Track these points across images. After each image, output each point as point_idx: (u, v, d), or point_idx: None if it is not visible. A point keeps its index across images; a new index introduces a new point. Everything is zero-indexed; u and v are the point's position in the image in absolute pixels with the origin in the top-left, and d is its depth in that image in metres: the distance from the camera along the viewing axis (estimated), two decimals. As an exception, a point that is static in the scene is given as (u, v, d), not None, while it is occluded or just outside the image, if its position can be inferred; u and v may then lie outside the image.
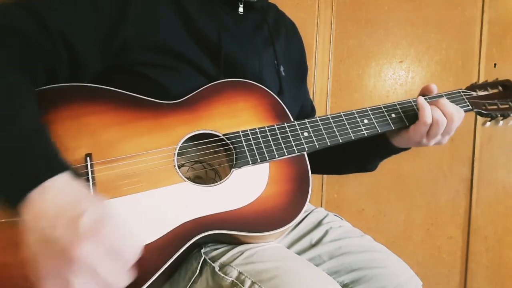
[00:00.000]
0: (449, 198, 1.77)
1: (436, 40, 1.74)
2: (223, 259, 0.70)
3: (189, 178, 0.79)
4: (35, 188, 0.49)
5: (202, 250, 0.74)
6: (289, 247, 0.90)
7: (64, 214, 0.48)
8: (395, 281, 0.83)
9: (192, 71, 0.79)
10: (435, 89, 0.89)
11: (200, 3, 0.83)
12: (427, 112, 0.82)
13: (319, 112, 1.66)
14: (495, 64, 1.74)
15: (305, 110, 1.06)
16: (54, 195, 0.49)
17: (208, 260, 0.71)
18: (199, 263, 0.71)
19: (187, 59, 0.78)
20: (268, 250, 0.72)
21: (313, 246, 0.90)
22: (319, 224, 0.94)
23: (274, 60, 0.92)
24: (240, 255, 0.70)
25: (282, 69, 0.93)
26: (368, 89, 1.74)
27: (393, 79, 1.75)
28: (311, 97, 1.65)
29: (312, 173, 1.02)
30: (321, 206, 1.74)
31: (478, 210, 1.77)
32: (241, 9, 0.88)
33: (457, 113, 0.83)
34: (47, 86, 0.69)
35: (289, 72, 0.96)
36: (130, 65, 0.76)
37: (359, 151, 0.95)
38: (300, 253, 0.89)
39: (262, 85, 0.83)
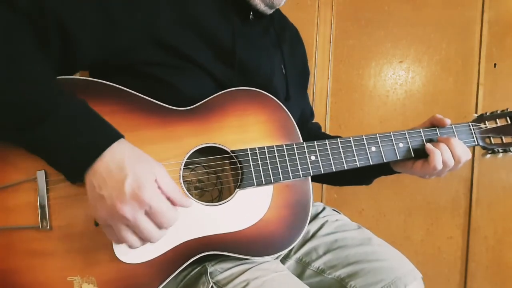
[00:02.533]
0: (449, 198, 1.77)
1: (436, 40, 1.73)
2: (229, 287, 0.70)
3: (190, 182, 0.78)
4: (98, 157, 0.59)
5: (209, 270, 0.73)
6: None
7: (111, 177, 0.58)
8: (393, 274, 0.82)
9: (202, 73, 0.78)
10: (448, 122, 0.88)
11: (213, 7, 0.81)
12: (438, 158, 0.81)
13: (319, 112, 1.66)
14: (495, 64, 1.74)
15: (305, 115, 1.06)
16: (107, 158, 0.59)
17: (215, 287, 0.71)
18: None
19: (195, 61, 0.77)
20: (275, 281, 0.71)
21: (309, 239, 0.89)
22: (315, 217, 0.94)
23: (281, 65, 0.92)
24: (246, 285, 0.69)
25: (288, 74, 0.93)
26: (368, 89, 1.74)
27: (393, 79, 1.75)
28: (311, 97, 1.66)
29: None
30: (321, 206, 1.74)
31: (478, 210, 1.77)
32: (251, 16, 0.87)
33: (465, 156, 0.84)
34: (59, 77, 0.68)
35: (294, 77, 0.95)
36: (140, 65, 0.75)
37: (358, 170, 0.96)
38: (297, 248, 0.89)
39: (272, 89, 0.82)
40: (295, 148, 0.78)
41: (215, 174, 0.81)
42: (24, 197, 0.64)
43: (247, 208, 0.75)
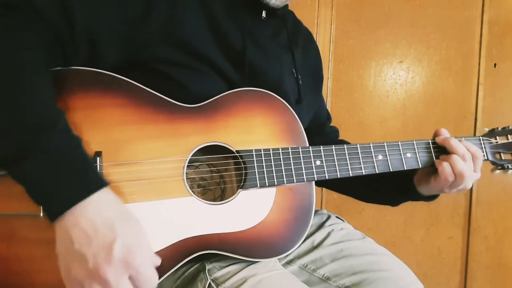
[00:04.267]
0: (449, 198, 1.77)
1: (436, 40, 1.74)
2: (227, 284, 0.70)
3: (193, 179, 0.78)
4: (77, 204, 0.54)
5: (207, 267, 0.73)
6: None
7: (98, 236, 0.54)
8: (396, 284, 0.83)
9: (214, 74, 0.78)
10: (442, 133, 0.87)
11: (225, 5, 0.81)
12: (447, 170, 0.80)
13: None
14: (495, 64, 1.74)
15: (320, 119, 1.05)
16: (93, 213, 0.55)
17: (213, 284, 0.70)
18: (204, 287, 0.71)
19: (210, 61, 0.77)
20: (272, 279, 0.71)
21: (314, 248, 0.90)
22: (321, 226, 0.94)
23: (292, 68, 0.91)
24: (244, 282, 0.69)
25: (299, 77, 0.92)
26: (368, 89, 1.74)
27: (393, 79, 1.75)
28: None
29: (330, 189, 1.00)
30: (322, 206, 1.74)
31: (478, 210, 1.77)
32: (264, 15, 0.86)
33: (469, 157, 0.81)
34: (68, 68, 0.67)
35: (306, 81, 0.94)
36: (152, 62, 0.74)
37: (386, 192, 0.94)
38: (302, 255, 0.89)
39: (281, 92, 0.81)
40: (300, 152, 0.78)
41: (218, 173, 0.81)
42: None
43: (249, 209, 0.74)
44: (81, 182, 0.56)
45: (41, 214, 0.63)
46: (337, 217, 1.00)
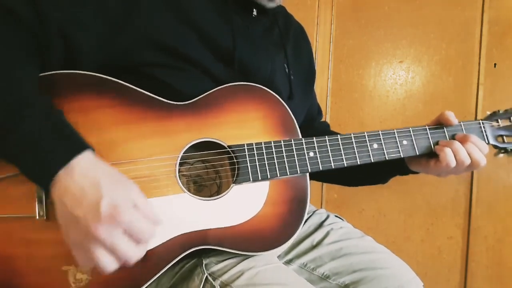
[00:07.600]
0: (449, 198, 1.77)
1: (436, 40, 1.74)
2: (224, 277, 0.70)
3: (189, 176, 0.78)
4: (62, 168, 0.56)
5: (204, 262, 0.73)
6: (291, 249, 0.91)
7: (85, 196, 0.55)
8: (397, 282, 0.83)
9: (203, 75, 0.78)
10: (455, 123, 0.85)
11: (213, 6, 0.81)
12: (449, 157, 0.79)
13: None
14: (495, 64, 1.74)
15: (311, 113, 1.05)
16: (79, 175, 0.56)
17: (210, 277, 0.71)
18: (201, 280, 0.71)
19: (198, 63, 0.77)
20: (269, 271, 0.72)
21: (314, 247, 0.90)
22: (320, 225, 0.94)
23: (284, 64, 0.91)
24: (241, 275, 0.69)
25: (292, 73, 0.92)
26: (368, 89, 1.75)
27: (393, 79, 1.75)
28: (311, 97, 1.65)
29: (318, 181, 1.01)
30: (321, 206, 1.74)
31: (478, 210, 1.77)
32: (254, 13, 0.87)
33: (482, 161, 0.81)
34: (57, 72, 0.67)
35: (298, 77, 0.94)
36: (139, 65, 0.74)
37: (372, 169, 0.93)
38: (301, 254, 0.89)
39: (273, 89, 0.81)
40: (293, 144, 0.77)
41: (214, 169, 0.81)
42: (22, 187, 0.64)
43: (243, 203, 0.74)
44: (64, 148, 0.58)
45: (37, 216, 0.64)
46: (336, 216, 1.00)
